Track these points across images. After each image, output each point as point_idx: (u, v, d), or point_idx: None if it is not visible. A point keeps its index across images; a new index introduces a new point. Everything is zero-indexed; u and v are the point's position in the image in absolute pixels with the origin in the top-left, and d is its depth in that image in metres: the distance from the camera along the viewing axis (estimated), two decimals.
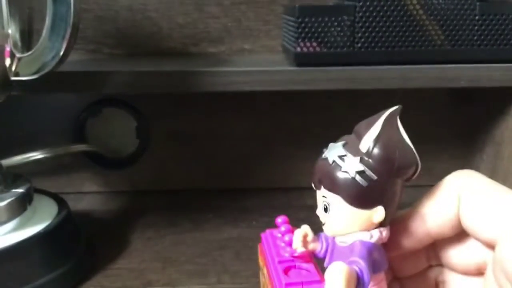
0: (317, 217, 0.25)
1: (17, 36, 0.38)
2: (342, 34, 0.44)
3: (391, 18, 0.44)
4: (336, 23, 0.44)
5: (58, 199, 0.45)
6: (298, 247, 0.25)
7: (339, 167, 0.23)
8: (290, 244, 0.26)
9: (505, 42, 0.45)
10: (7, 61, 0.37)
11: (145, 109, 0.58)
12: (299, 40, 0.44)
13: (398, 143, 0.23)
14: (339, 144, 0.24)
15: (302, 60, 0.44)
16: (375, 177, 0.22)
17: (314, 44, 0.44)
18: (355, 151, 0.23)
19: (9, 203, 0.38)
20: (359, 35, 0.44)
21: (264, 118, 0.58)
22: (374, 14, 0.44)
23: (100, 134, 0.58)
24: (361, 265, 0.22)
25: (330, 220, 0.24)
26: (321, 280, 0.24)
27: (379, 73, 0.44)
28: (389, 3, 0.44)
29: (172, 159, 0.59)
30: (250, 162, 0.59)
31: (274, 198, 0.57)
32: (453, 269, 0.26)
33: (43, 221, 0.40)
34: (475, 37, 0.45)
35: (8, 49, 0.36)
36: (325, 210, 0.24)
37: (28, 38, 0.39)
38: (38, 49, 0.37)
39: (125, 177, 0.59)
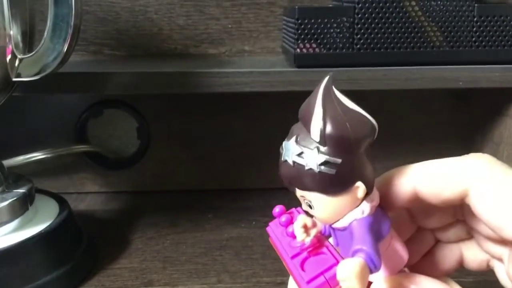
0: None
1: (19, 37, 0.38)
2: (341, 35, 0.44)
3: (390, 20, 0.44)
4: (335, 25, 0.44)
5: (59, 199, 0.45)
6: (304, 238, 0.25)
7: (302, 166, 0.22)
8: (294, 236, 0.25)
9: (503, 43, 0.45)
10: (9, 62, 0.37)
11: (146, 110, 0.58)
12: (299, 42, 0.44)
13: (346, 116, 0.22)
14: (292, 141, 0.23)
15: (301, 61, 0.45)
16: (339, 161, 0.22)
17: (314, 45, 0.44)
18: (310, 143, 0.22)
19: (10, 203, 0.39)
20: (358, 36, 0.44)
21: (264, 119, 0.59)
22: (373, 15, 0.44)
23: (102, 135, 0.58)
24: (366, 251, 0.22)
25: (317, 215, 0.24)
26: (338, 261, 0.24)
27: (378, 74, 0.45)
28: (388, 4, 0.44)
29: (173, 159, 0.59)
30: (250, 163, 0.60)
31: (274, 198, 0.56)
32: (478, 232, 0.26)
33: (44, 221, 0.40)
34: (473, 39, 0.45)
35: (9, 50, 0.37)
36: (310, 207, 0.24)
37: (29, 39, 0.39)
38: (40, 50, 0.37)
39: (126, 178, 0.59)
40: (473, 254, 0.28)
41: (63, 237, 0.41)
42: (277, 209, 0.28)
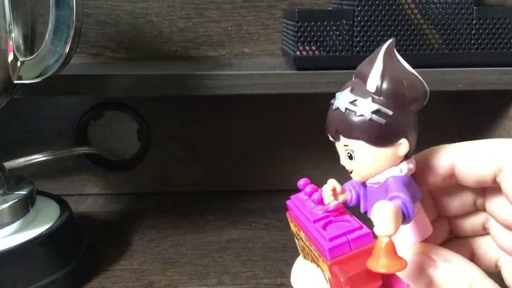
0: None
1: (20, 40, 0.38)
2: (340, 38, 0.44)
3: (389, 23, 0.44)
4: (335, 28, 0.44)
5: (60, 201, 0.45)
6: (331, 200, 0.25)
7: (353, 112, 0.23)
8: (320, 201, 0.25)
9: (502, 46, 0.45)
10: (10, 65, 0.37)
11: (147, 112, 0.58)
12: (299, 44, 0.44)
13: (404, 74, 0.23)
14: (346, 90, 0.23)
15: (301, 63, 0.45)
16: (390, 112, 0.22)
17: (313, 48, 0.45)
18: (364, 93, 0.23)
19: (11, 205, 0.39)
20: (358, 39, 0.45)
21: (263, 121, 0.59)
22: (373, 18, 0.44)
23: (102, 137, 0.58)
24: (403, 197, 0.22)
25: (358, 166, 0.24)
26: (362, 226, 0.24)
27: None
28: (387, 7, 0.44)
29: (173, 161, 0.60)
30: (250, 164, 0.60)
31: (274, 200, 0.57)
32: (496, 219, 0.26)
33: (45, 223, 0.41)
34: (472, 41, 0.45)
35: (11, 52, 0.37)
36: (350, 157, 0.24)
37: (31, 42, 0.39)
38: (41, 53, 0.37)
39: (127, 180, 0.60)
40: (484, 252, 0.28)
41: (64, 239, 0.41)
42: (302, 181, 0.27)
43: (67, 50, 0.37)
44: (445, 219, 0.29)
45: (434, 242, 0.29)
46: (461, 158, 0.25)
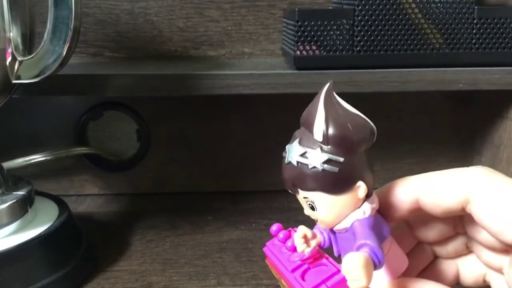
0: None
1: (19, 39, 0.38)
2: (341, 37, 0.44)
3: (390, 22, 0.44)
4: (335, 27, 0.44)
5: (59, 201, 0.45)
6: (304, 248, 0.25)
7: (305, 165, 0.23)
8: (293, 249, 0.26)
9: (503, 45, 0.45)
10: (9, 64, 0.37)
11: (146, 112, 0.58)
12: (299, 44, 0.44)
13: (347, 118, 0.23)
14: (295, 143, 0.24)
15: (301, 63, 0.45)
16: (341, 159, 0.22)
17: (314, 47, 0.44)
18: (313, 143, 0.23)
19: (10, 205, 0.39)
20: (358, 38, 0.44)
21: (263, 121, 0.59)
22: (373, 17, 0.44)
23: (101, 137, 0.58)
24: (370, 245, 0.22)
25: (321, 216, 0.24)
26: (339, 270, 0.24)
27: (378, 76, 0.45)
28: (387, 7, 0.44)
29: (173, 161, 0.59)
30: (250, 165, 0.60)
31: (274, 200, 0.57)
32: (479, 242, 0.26)
33: (44, 224, 0.40)
34: (473, 41, 0.45)
35: (9, 52, 0.37)
36: (312, 208, 0.24)
37: (29, 42, 0.39)
38: (40, 52, 0.37)
39: (126, 180, 0.59)
40: (470, 269, 0.28)
41: (63, 239, 0.41)
42: (274, 227, 0.28)
43: (66, 50, 0.36)
44: (427, 244, 0.29)
45: (418, 267, 0.29)
46: (425, 192, 0.25)
